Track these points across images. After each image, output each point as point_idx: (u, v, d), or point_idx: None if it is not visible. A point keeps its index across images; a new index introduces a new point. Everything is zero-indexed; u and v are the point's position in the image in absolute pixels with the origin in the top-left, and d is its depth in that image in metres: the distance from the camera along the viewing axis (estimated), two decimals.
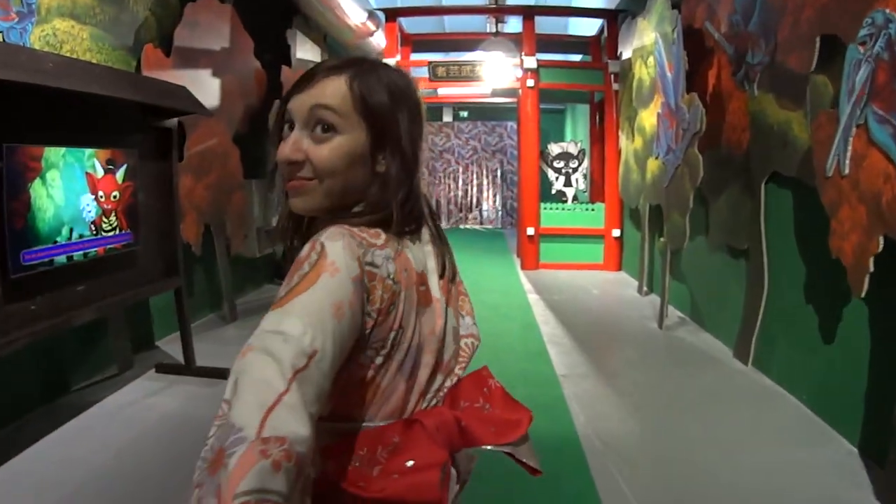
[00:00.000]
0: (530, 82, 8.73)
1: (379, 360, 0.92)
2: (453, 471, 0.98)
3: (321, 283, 0.82)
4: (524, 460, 1.02)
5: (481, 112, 16.05)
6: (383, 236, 0.95)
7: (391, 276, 0.91)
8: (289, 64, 7.41)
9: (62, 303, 3.29)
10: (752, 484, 2.99)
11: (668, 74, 5.55)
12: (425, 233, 1.06)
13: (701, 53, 5.24)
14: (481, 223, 16.27)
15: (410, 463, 0.89)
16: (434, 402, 1.02)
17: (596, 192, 10.07)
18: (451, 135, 16.30)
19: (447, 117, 16.39)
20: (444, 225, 16.15)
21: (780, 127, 4.08)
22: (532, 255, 9.04)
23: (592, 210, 9.15)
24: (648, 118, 6.25)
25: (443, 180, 16.21)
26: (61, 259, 3.28)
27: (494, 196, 16.48)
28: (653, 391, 4.37)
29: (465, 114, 16.31)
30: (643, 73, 6.41)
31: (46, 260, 3.16)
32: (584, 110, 12.13)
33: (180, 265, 4.47)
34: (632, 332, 5.87)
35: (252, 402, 0.68)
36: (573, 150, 9.44)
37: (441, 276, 1.04)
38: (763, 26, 4.30)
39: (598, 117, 10.16)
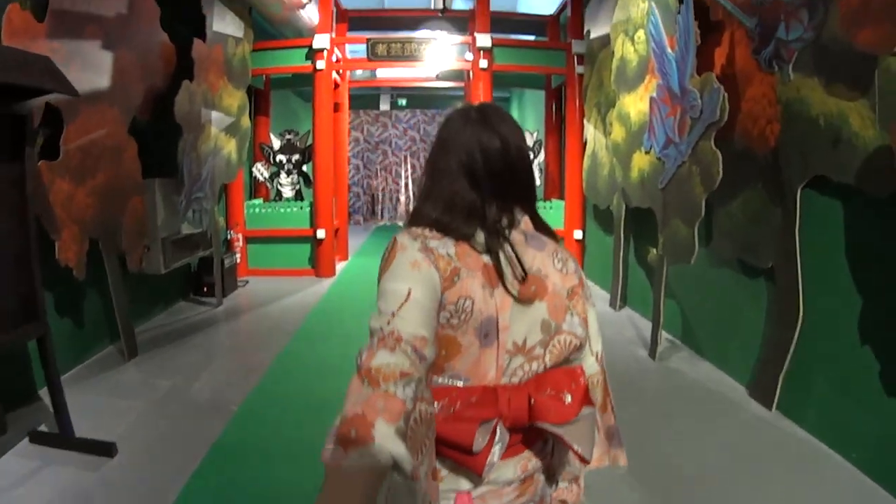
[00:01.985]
0: (483, 63, 7.65)
1: (455, 321, 1.13)
2: (506, 434, 1.17)
3: (398, 256, 1.14)
4: (574, 445, 1.18)
5: (421, 100, 14.94)
6: (440, 234, 1.19)
7: (450, 255, 1.14)
8: (203, 37, 6.10)
9: None
10: None
11: (669, 51, 4.54)
12: (517, 235, 1.22)
13: (705, 29, 4.22)
14: None
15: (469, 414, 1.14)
16: (514, 379, 1.19)
17: (551, 187, 9.08)
18: (388, 124, 15.21)
19: (384, 105, 15.16)
20: (381, 222, 15.42)
21: (830, 120, 3.18)
22: None
23: (550, 209, 8.13)
24: (635, 104, 5.23)
25: (379, 173, 14.99)
26: None
27: None
28: (654, 449, 3.38)
29: (403, 101, 15.12)
30: (628, 50, 5.39)
31: None
32: (534, 97, 11.15)
33: (42, 306, 3.32)
34: (616, 362, 4.85)
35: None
36: (528, 141, 8.36)
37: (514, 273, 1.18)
38: None
39: (555, 105, 9.13)
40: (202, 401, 4.07)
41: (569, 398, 1.19)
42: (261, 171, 8.50)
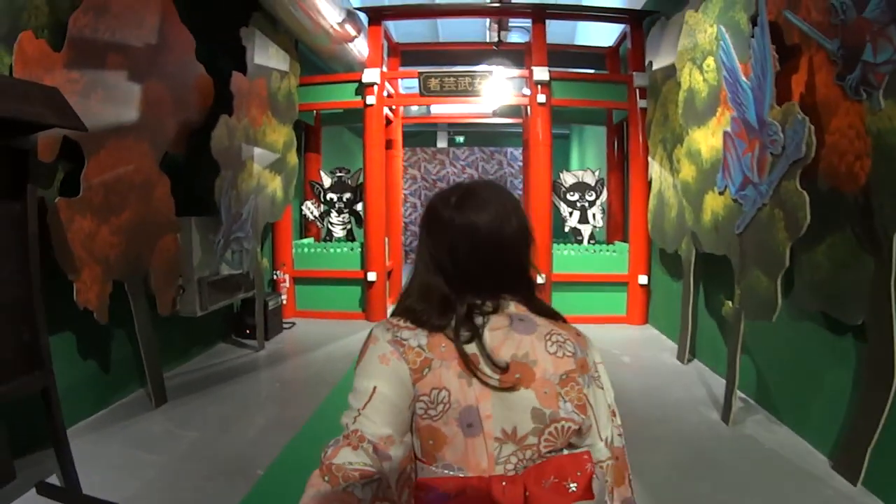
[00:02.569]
0: (541, 98, 7.26)
1: (433, 411, 1.14)
2: None
3: (369, 350, 1.20)
4: None
5: (479, 137, 14.68)
6: (413, 326, 1.22)
7: (422, 346, 1.17)
8: (243, 70, 5.90)
9: None
10: None
11: (743, 79, 4.06)
12: (500, 320, 1.22)
13: (780, 53, 3.73)
14: None
15: None
16: (509, 468, 1.16)
17: (613, 229, 8.56)
18: (445, 162, 14.91)
19: (441, 142, 14.98)
20: None
21: None
22: None
23: (614, 252, 7.61)
24: (706, 139, 4.74)
25: None
26: None
27: None
28: None
29: (461, 139, 14.90)
30: (696, 80, 4.92)
31: None
32: (595, 134, 10.69)
33: (45, 355, 3.07)
34: (685, 427, 4.35)
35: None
36: (590, 179, 7.91)
37: (490, 361, 1.17)
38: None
39: (617, 141, 8.66)
40: (227, 460, 3.72)
41: (573, 486, 1.16)
42: (311, 209, 8.26)
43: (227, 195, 5.53)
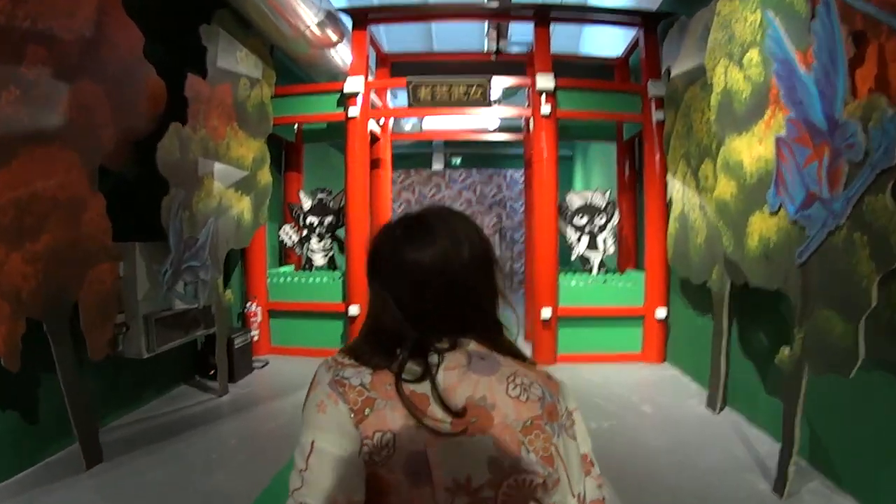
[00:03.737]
0: (545, 109, 6.46)
1: (377, 457, 1.02)
2: None
3: (310, 396, 1.09)
4: None
5: (477, 159, 13.92)
6: (358, 364, 1.11)
7: (364, 385, 1.06)
8: (202, 73, 5.12)
9: None
10: None
11: (802, 71, 3.24)
12: (457, 358, 1.10)
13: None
14: None
15: None
16: None
17: (625, 257, 7.70)
18: (441, 185, 14.13)
19: (437, 164, 14.20)
20: None
21: None
22: (548, 345, 6.62)
23: (628, 282, 6.76)
24: (750, 148, 3.90)
25: None
26: None
27: None
28: None
29: (457, 160, 14.12)
30: (734, 79, 4.09)
31: None
32: (601, 153, 9.91)
33: None
34: (727, 498, 3.55)
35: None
36: (600, 201, 7.08)
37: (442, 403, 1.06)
38: None
39: (628, 159, 7.85)
40: None
41: None
42: (289, 234, 7.40)
43: (178, 217, 4.71)
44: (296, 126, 7.89)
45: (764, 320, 4.50)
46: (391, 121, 8.57)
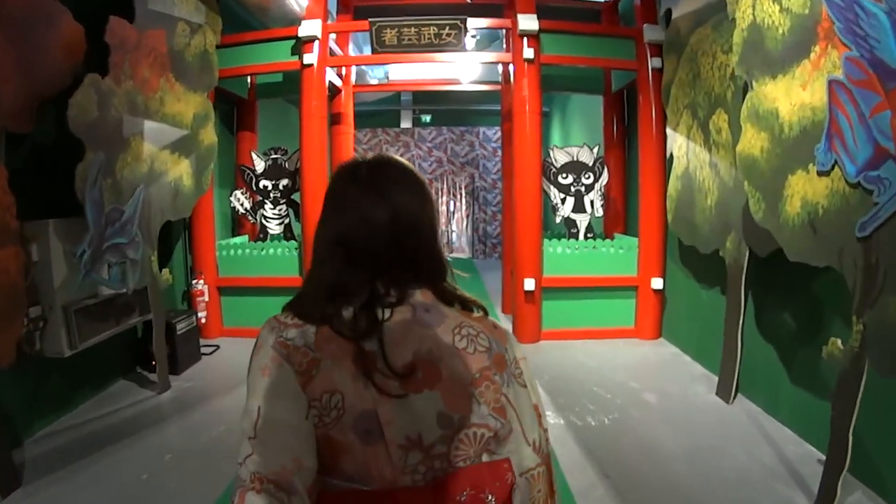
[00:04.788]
0: (528, 52, 5.68)
1: (327, 419, 0.97)
2: None
3: (254, 359, 1.02)
4: None
5: (448, 116, 13.02)
6: (301, 322, 1.04)
7: (308, 345, 0.99)
8: (129, 16, 4.28)
9: None
10: None
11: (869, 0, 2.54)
12: (403, 311, 1.05)
13: None
14: (448, 253, 13.18)
15: None
16: (418, 478, 1.01)
17: (613, 220, 7.02)
18: (410, 144, 13.26)
19: (406, 122, 13.29)
20: None
21: None
22: (532, 321, 5.97)
23: (620, 249, 6.10)
24: (790, 93, 3.19)
25: None
26: None
27: (465, 218, 13.39)
28: None
29: (427, 118, 13.22)
30: (767, 10, 3.36)
31: None
32: (582, 107, 9.17)
33: None
34: None
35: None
36: (587, 158, 6.36)
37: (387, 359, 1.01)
38: None
39: (615, 113, 7.13)
40: None
41: (491, 498, 1.04)
42: (241, 200, 6.60)
43: (97, 187, 3.91)
44: (249, 80, 7.04)
45: (790, 297, 3.88)
46: (353, 72, 7.69)
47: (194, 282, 5.95)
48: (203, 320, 5.85)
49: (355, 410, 0.97)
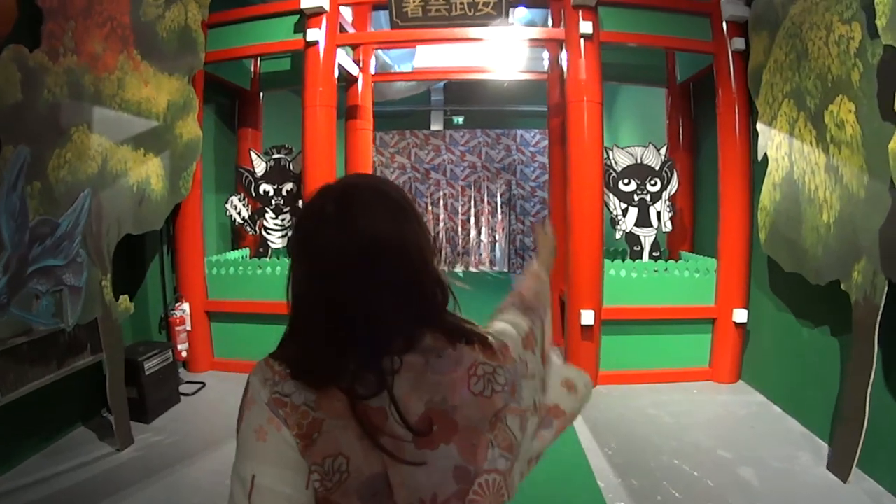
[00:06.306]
0: (585, 27, 4.58)
1: (329, 483, 0.88)
2: None
3: (245, 418, 0.91)
4: None
5: (482, 118, 11.94)
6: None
7: (308, 404, 0.89)
8: None
9: None
10: None
11: None
12: (414, 359, 0.94)
13: None
14: (481, 266, 12.12)
15: None
16: None
17: (678, 236, 5.86)
18: (441, 147, 12.19)
19: (436, 124, 12.25)
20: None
21: None
22: (589, 361, 4.81)
23: (696, 273, 4.95)
24: None
25: (429, 209, 12.00)
26: None
27: (500, 230, 12.27)
28: None
29: (460, 119, 12.17)
30: None
31: None
32: (633, 100, 8.01)
33: None
34: None
35: None
36: (653, 160, 5.23)
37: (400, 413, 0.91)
38: None
39: (682, 108, 6.00)
40: None
41: None
42: (237, 207, 5.59)
43: (17, 193, 2.94)
44: (252, 68, 6.07)
45: None
46: (374, 61, 6.62)
47: (173, 308, 4.94)
48: (184, 353, 4.85)
49: (361, 475, 0.88)
